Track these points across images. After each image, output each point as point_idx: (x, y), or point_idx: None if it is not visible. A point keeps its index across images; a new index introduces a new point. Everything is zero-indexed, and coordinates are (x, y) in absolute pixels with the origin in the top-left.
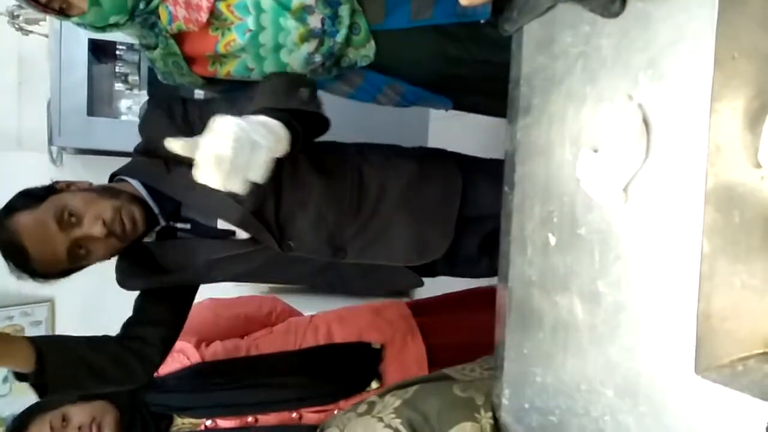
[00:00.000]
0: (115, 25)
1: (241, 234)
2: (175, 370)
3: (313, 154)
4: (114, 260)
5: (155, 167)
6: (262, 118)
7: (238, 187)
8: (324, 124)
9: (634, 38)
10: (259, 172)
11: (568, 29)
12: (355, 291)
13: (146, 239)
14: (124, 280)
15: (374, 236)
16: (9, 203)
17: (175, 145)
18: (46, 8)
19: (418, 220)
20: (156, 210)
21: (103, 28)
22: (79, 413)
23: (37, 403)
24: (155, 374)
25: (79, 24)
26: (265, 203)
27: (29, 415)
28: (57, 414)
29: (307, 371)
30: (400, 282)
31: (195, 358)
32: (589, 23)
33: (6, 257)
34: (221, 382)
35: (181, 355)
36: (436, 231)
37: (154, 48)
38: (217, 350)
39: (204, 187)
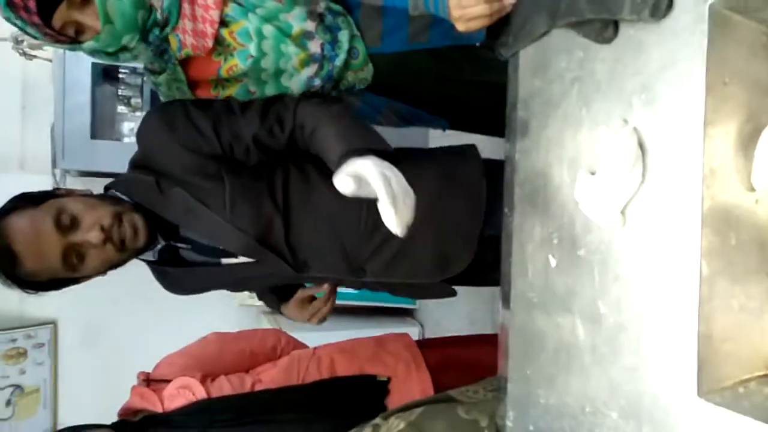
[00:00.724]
0: (128, 50)
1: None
2: (180, 406)
3: (323, 170)
4: (115, 280)
5: (148, 188)
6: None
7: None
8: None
9: (627, 63)
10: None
11: (563, 54)
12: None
13: (146, 257)
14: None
15: (393, 255)
16: (5, 205)
17: (349, 185)
18: (59, 37)
19: (441, 236)
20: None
21: (115, 54)
22: None
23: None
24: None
25: (93, 52)
26: (272, 227)
27: None
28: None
29: (312, 407)
30: (432, 295)
31: (201, 394)
32: (583, 48)
33: None
34: (227, 419)
35: (187, 391)
36: (459, 244)
37: (160, 73)
38: (223, 386)
39: (204, 215)
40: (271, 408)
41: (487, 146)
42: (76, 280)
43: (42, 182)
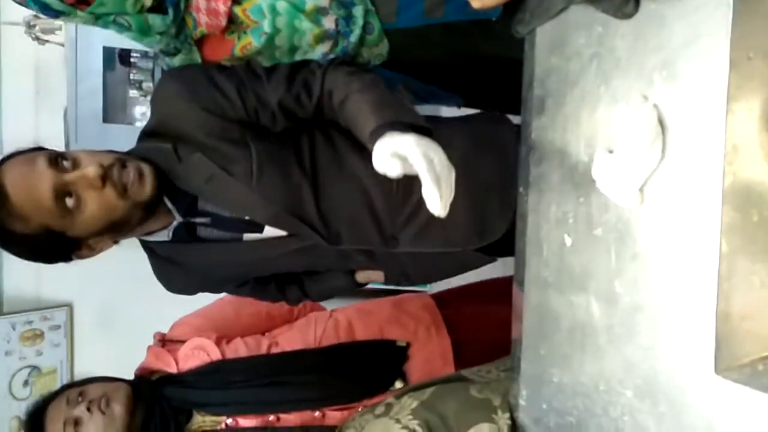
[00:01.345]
0: (153, 29)
1: (273, 230)
2: (195, 367)
3: (350, 136)
4: (130, 261)
5: (165, 155)
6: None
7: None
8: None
9: (648, 39)
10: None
11: (581, 30)
12: (414, 278)
13: (160, 238)
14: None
15: (427, 221)
16: (6, 155)
17: (395, 168)
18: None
19: (476, 199)
20: (169, 205)
21: (144, 32)
22: (93, 390)
23: (63, 385)
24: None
25: (117, 26)
26: (301, 196)
27: (58, 390)
28: (75, 390)
29: (329, 370)
30: (468, 266)
31: (216, 354)
32: (602, 24)
33: None
34: (242, 380)
35: (202, 352)
36: (495, 208)
37: (175, 54)
38: (238, 347)
39: (228, 183)
40: (287, 369)
41: None
42: (77, 245)
43: None
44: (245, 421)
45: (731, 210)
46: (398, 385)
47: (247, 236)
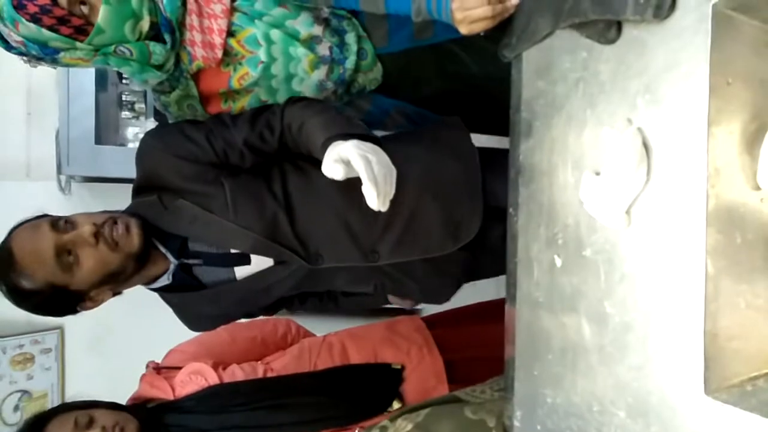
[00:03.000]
0: (155, 68)
1: (259, 260)
2: (193, 392)
3: (317, 162)
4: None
5: (152, 206)
6: (371, 144)
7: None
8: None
9: (631, 64)
10: (393, 189)
11: (566, 55)
12: (413, 293)
13: (162, 282)
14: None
15: (402, 231)
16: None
17: (338, 171)
18: (71, 18)
19: (444, 203)
20: (162, 249)
21: (145, 62)
22: (104, 417)
23: (64, 403)
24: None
25: (119, 51)
26: (276, 221)
27: (56, 409)
28: (84, 413)
29: (326, 392)
30: (454, 269)
31: (213, 379)
32: (586, 49)
33: None
34: (240, 403)
35: (199, 377)
36: (464, 208)
37: (170, 92)
38: (235, 373)
39: (209, 220)
40: (284, 392)
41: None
42: (80, 298)
43: (47, 188)
44: None
45: (715, 232)
46: (396, 405)
47: (238, 270)
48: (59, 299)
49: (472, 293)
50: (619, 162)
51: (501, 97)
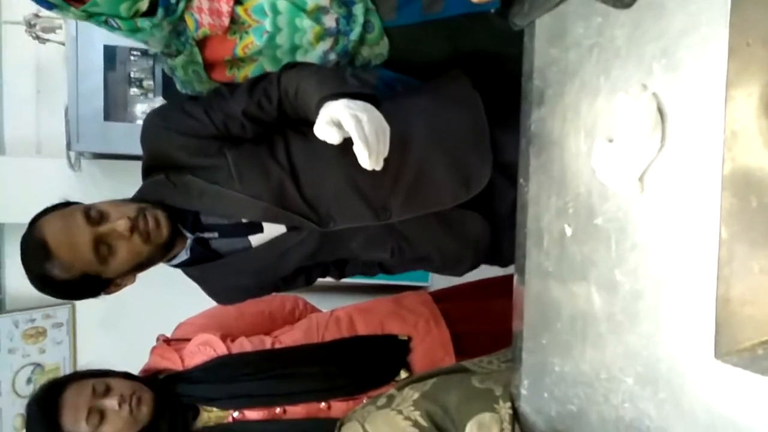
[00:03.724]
0: (144, 30)
1: (271, 227)
2: (201, 362)
3: None
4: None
5: (161, 185)
6: (361, 102)
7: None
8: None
9: (647, 28)
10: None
11: (580, 21)
12: (431, 258)
13: (181, 258)
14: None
15: (412, 185)
16: (37, 213)
17: (331, 134)
18: None
19: (451, 151)
20: (180, 228)
21: (134, 31)
22: (121, 385)
23: (79, 371)
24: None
25: (110, 22)
26: (283, 187)
27: (71, 376)
28: (101, 381)
29: (334, 362)
30: (470, 229)
31: (221, 349)
32: (601, 15)
33: (25, 260)
34: (249, 372)
35: (208, 348)
36: (474, 158)
37: (176, 56)
38: (243, 344)
39: (216, 192)
40: (292, 362)
41: None
42: (107, 284)
43: (57, 165)
44: (252, 414)
45: (730, 196)
46: (403, 375)
47: (253, 239)
48: (87, 286)
49: (479, 270)
50: (633, 128)
51: (512, 74)
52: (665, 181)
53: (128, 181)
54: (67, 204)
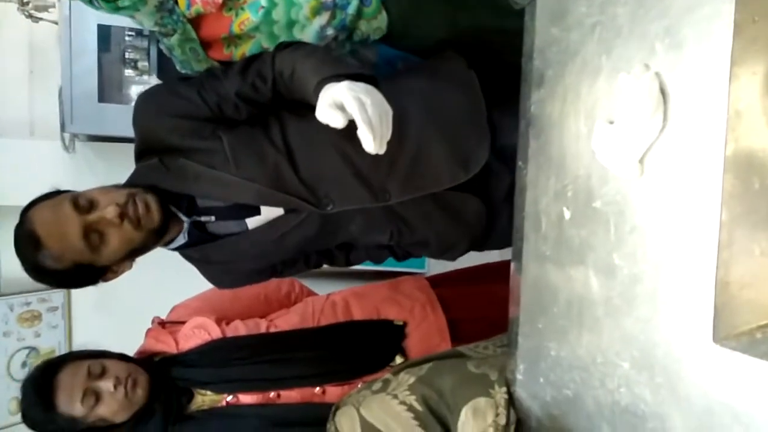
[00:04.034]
0: (127, 8)
1: (269, 210)
2: (195, 346)
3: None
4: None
5: (154, 169)
6: (363, 84)
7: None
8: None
9: (651, 7)
10: (389, 131)
11: None
12: (429, 242)
13: (178, 242)
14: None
15: (410, 166)
16: (26, 205)
17: (336, 118)
18: None
19: (449, 131)
20: (175, 211)
21: (116, 9)
22: (117, 367)
23: (74, 351)
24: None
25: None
26: (279, 169)
27: (65, 356)
28: (97, 362)
29: (329, 347)
30: (468, 212)
31: (216, 333)
32: None
33: (18, 252)
34: (243, 356)
35: (202, 331)
36: (471, 137)
37: (172, 34)
38: (238, 328)
39: (213, 176)
40: (287, 347)
41: None
42: (103, 272)
43: (51, 147)
44: (246, 398)
45: (732, 178)
46: (398, 360)
47: (250, 221)
48: (82, 275)
49: (476, 256)
50: (635, 109)
51: (512, 50)
52: (666, 163)
53: (123, 164)
54: (57, 192)
